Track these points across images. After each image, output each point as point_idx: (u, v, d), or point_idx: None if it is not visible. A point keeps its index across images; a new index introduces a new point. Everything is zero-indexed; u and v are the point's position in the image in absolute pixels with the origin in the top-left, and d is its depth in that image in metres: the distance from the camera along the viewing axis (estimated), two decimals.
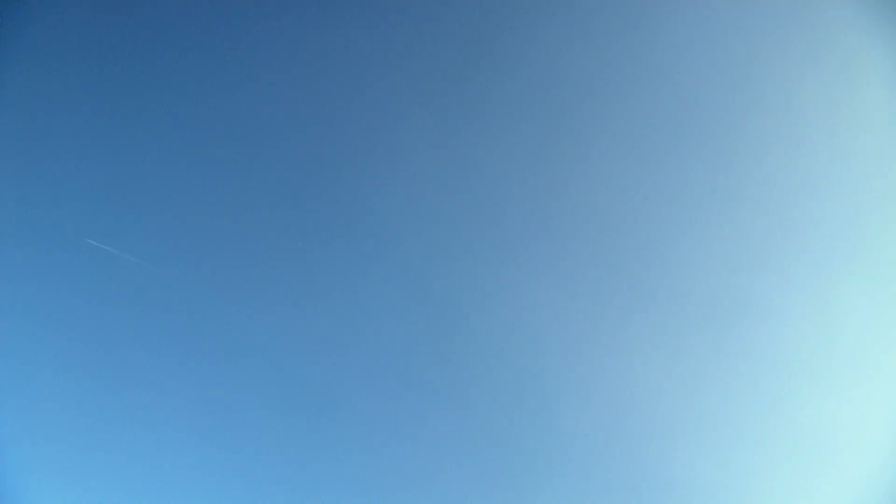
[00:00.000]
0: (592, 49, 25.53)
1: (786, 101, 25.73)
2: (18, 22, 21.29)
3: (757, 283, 28.61)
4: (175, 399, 24.41)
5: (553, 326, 31.08)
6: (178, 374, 24.69)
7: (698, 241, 27.81)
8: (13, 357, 21.77)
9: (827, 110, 25.70)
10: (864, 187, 25.40)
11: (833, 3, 23.83)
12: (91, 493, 22.32)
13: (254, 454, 24.78)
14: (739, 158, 25.84)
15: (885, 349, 26.05)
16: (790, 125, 25.87)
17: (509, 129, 27.17)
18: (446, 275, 28.11)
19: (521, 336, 31.16)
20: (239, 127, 25.23)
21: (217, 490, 23.48)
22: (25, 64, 23.12)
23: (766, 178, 26.46)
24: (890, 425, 26.97)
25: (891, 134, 24.38)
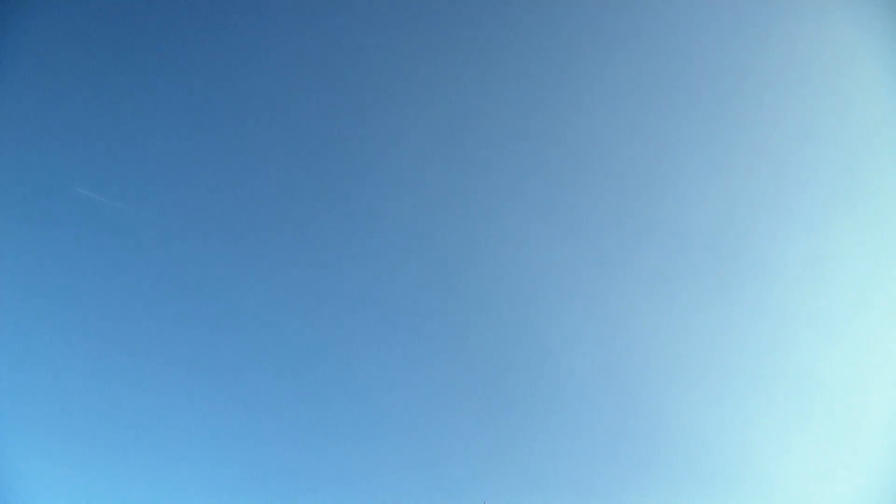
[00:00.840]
0: None
1: (788, 50, 25.11)
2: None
3: (755, 226, 28.36)
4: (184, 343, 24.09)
5: (552, 266, 30.74)
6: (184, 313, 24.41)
7: (698, 185, 27.59)
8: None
9: (827, 64, 25.17)
10: (862, 137, 25.12)
11: None
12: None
13: (262, 403, 24.53)
14: (739, 103, 25.53)
15: (879, 294, 25.95)
16: (791, 74, 25.40)
17: (505, 72, 26.71)
18: (446, 217, 27.78)
19: (521, 276, 30.83)
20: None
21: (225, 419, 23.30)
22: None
23: (765, 124, 26.12)
24: (884, 370, 26.86)
25: (888, 88, 24.04)
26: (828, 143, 23.77)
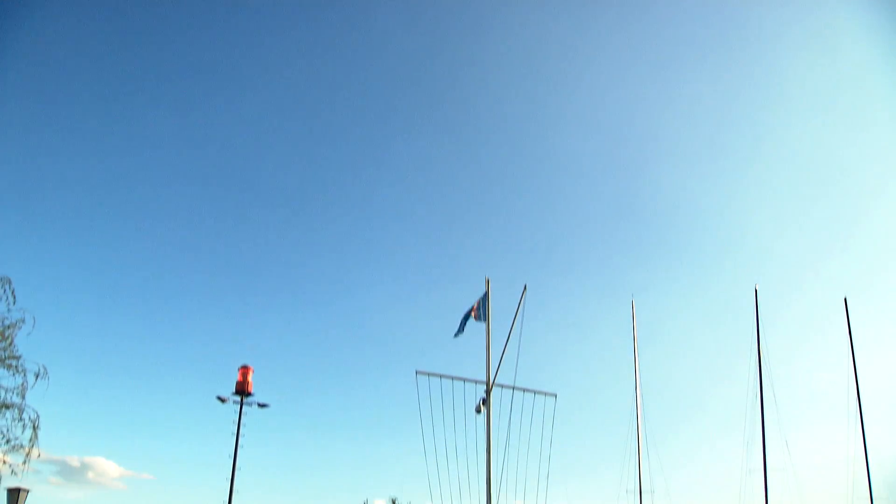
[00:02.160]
0: None
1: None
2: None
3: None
4: None
5: (561, 50, 37.45)
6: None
7: None
8: None
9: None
10: None
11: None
12: None
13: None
14: None
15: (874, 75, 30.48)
16: None
17: None
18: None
19: (528, 59, 38.33)
20: None
21: None
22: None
23: None
24: (879, 152, 32.93)
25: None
26: None
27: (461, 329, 18.34)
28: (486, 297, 18.49)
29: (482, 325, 18.41)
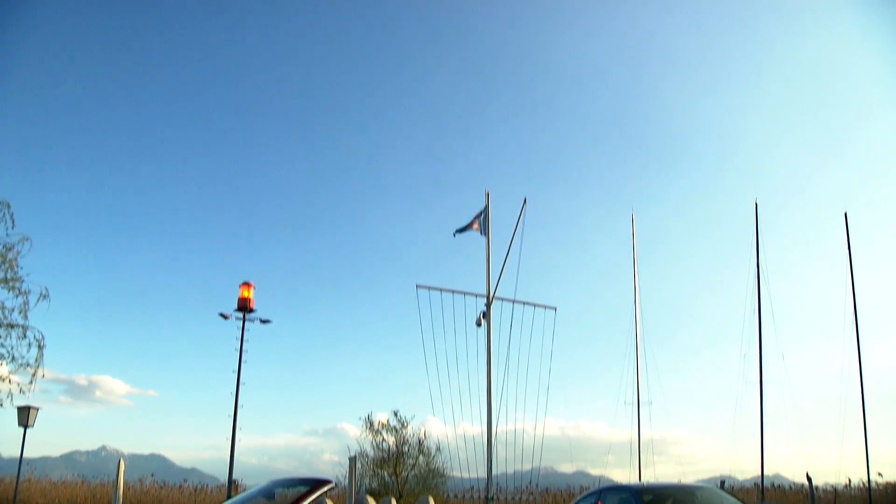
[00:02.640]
0: None
1: None
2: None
3: None
4: None
5: None
6: None
7: None
8: None
9: None
10: None
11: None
12: None
13: None
14: None
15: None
16: None
17: None
18: None
19: None
20: None
21: None
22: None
23: None
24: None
25: None
26: None
27: (462, 231, 18.31)
28: (486, 210, 18.40)
29: (482, 238, 18.38)
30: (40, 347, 15.84)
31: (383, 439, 23.28)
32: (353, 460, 15.85)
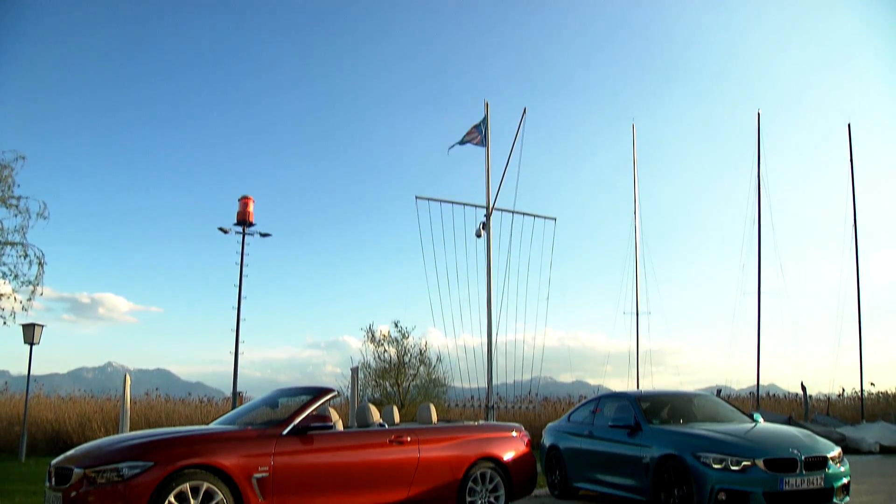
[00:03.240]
0: None
1: None
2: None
3: None
4: None
5: None
6: None
7: None
8: None
9: None
10: None
11: None
12: None
13: None
14: None
15: None
16: None
17: None
18: None
19: None
20: None
21: None
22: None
23: None
24: None
25: None
26: None
27: (459, 143, 18.12)
28: (485, 120, 18.14)
29: (482, 149, 18.18)
30: (41, 265, 15.91)
31: (385, 350, 23.55)
32: (355, 371, 16.09)
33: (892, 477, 13.13)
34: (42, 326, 17.56)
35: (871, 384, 26.56)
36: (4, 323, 15.91)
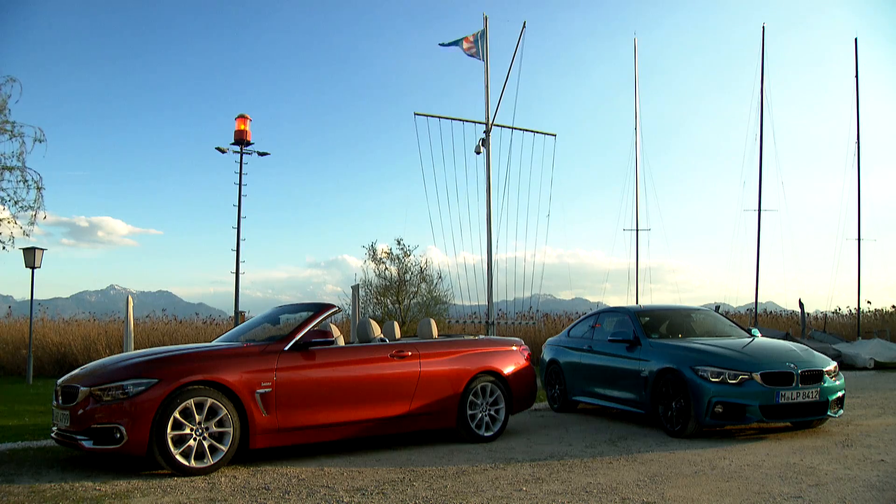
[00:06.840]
0: None
1: None
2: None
3: None
4: None
5: None
6: None
7: None
8: None
9: None
10: None
11: None
12: None
13: None
14: None
15: None
16: None
17: None
18: None
19: None
20: None
21: None
22: None
23: None
24: None
25: None
26: None
27: (449, 45, 17.64)
28: (483, 34, 17.74)
29: (480, 64, 17.83)
30: (39, 189, 15.84)
31: (386, 268, 23.66)
32: (356, 288, 16.19)
33: (885, 391, 13.35)
34: (43, 250, 17.56)
35: (868, 302, 26.79)
36: (4, 248, 15.94)
